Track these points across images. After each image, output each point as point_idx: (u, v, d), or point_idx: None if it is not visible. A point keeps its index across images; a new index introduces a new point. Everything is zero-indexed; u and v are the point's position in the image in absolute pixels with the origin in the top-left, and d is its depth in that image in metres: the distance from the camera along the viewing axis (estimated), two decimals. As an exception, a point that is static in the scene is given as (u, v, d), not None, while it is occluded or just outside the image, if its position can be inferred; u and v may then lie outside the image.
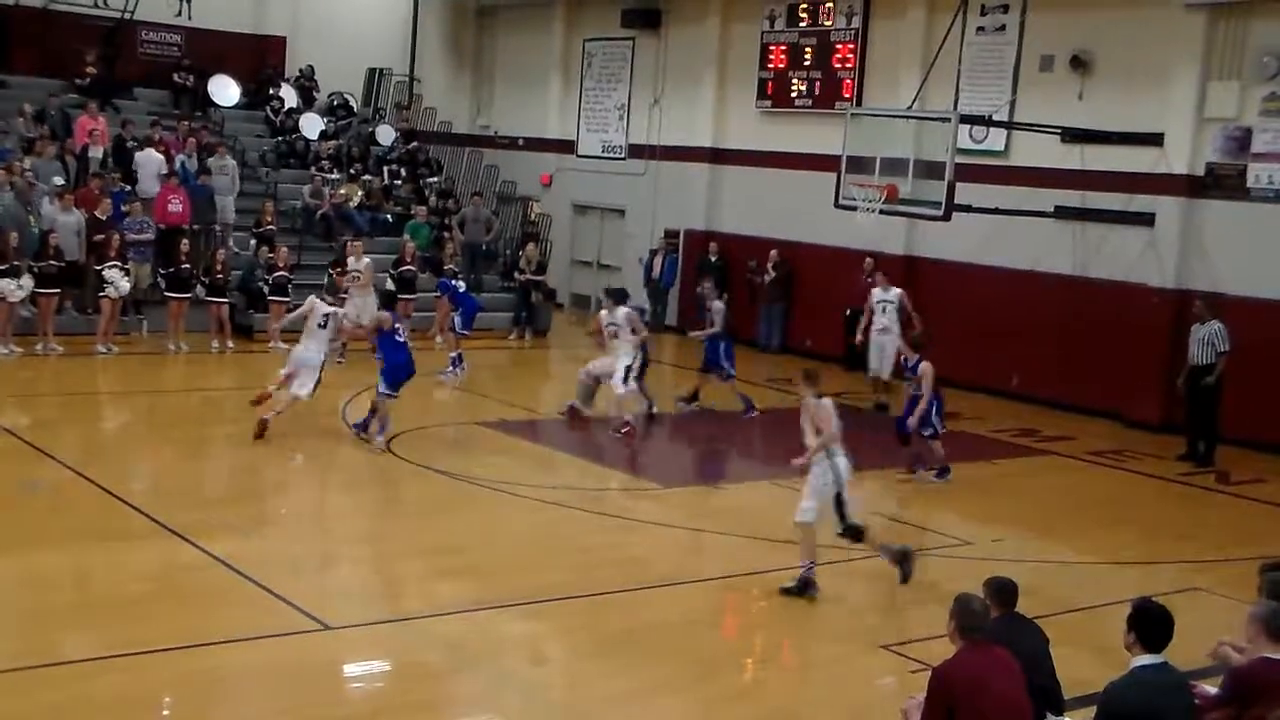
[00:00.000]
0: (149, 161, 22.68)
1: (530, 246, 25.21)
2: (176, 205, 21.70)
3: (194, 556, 10.69)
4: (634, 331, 16.78)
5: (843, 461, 10.81)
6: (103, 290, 19.37)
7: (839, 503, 10.86)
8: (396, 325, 15.16)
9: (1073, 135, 19.30)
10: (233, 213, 23.32)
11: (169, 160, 22.89)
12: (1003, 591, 7.21)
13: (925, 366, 14.63)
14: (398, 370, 14.91)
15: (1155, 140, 18.95)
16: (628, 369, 16.60)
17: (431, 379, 19.98)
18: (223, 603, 9.84)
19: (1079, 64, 19.87)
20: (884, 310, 18.91)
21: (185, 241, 20.86)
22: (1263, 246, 18.05)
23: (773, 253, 23.78)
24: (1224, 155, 18.50)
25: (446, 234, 24.84)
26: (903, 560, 11.03)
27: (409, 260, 22.32)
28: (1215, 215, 18.64)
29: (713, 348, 17.90)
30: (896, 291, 19.01)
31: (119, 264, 19.54)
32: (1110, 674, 6.67)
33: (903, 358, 15.74)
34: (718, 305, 18.24)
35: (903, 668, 9.30)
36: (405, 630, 9.55)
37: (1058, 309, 19.98)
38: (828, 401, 10.92)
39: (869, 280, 19.97)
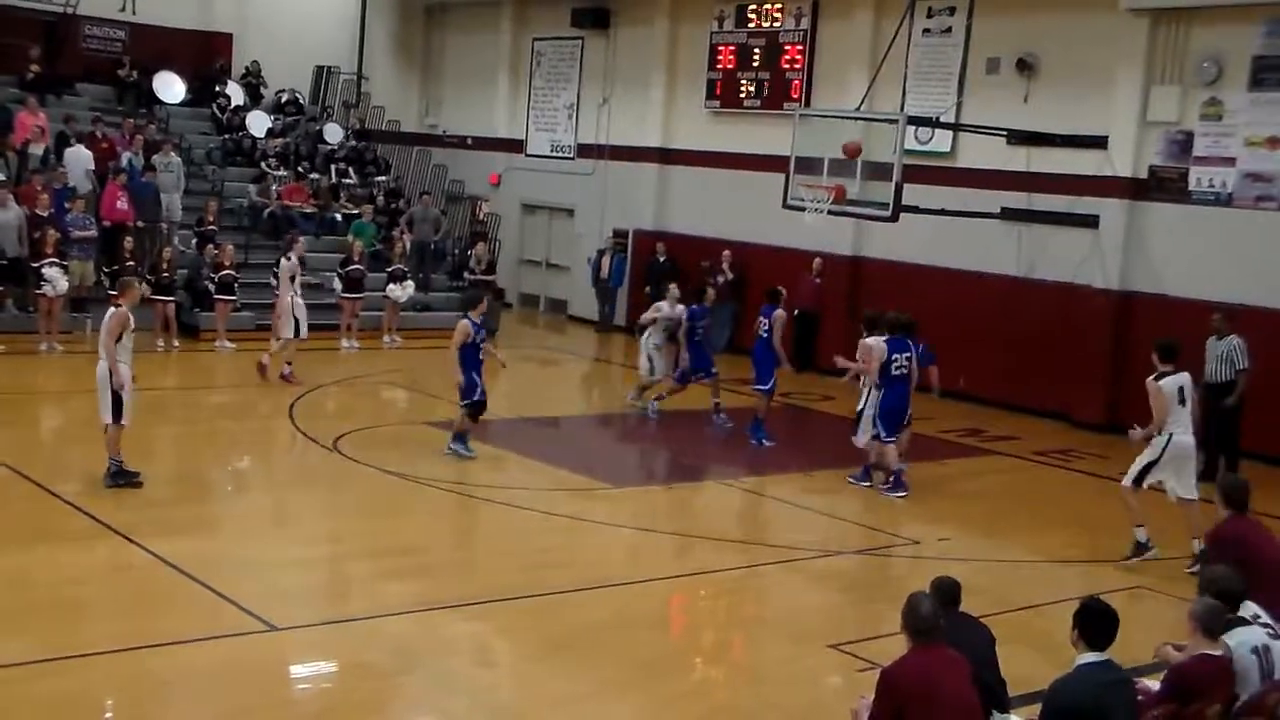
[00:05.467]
0: (79, 158, 22.38)
1: (480, 246, 25.14)
2: (123, 203, 21.48)
3: (138, 557, 10.58)
4: None
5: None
6: (40, 288, 19.14)
7: None
8: (478, 338, 14.57)
9: (1018, 137, 19.44)
10: (179, 210, 23.10)
11: (110, 157, 22.64)
12: (942, 591, 7.25)
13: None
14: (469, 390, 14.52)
15: (1099, 143, 19.15)
16: None
17: (380, 378, 19.93)
18: (167, 604, 9.74)
19: (1025, 67, 20.04)
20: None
21: (129, 239, 20.64)
22: (1203, 248, 18.28)
23: (725, 253, 23.77)
24: (1166, 158, 18.73)
25: (396, 233, 24.74)
26: None
27: (356, 259, 22.18)
28: (1157, 217, 18.86)
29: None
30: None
31: (57, 261, 19.30)
32: (1055, 672, 6.72)
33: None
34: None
35: (851, 667, 9.33)
36: (352, 631, 9.48)
37: (1004, 310, 20.14)
38: None
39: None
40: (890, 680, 6.36)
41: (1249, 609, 7.64)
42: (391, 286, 22.65)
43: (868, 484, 14.68)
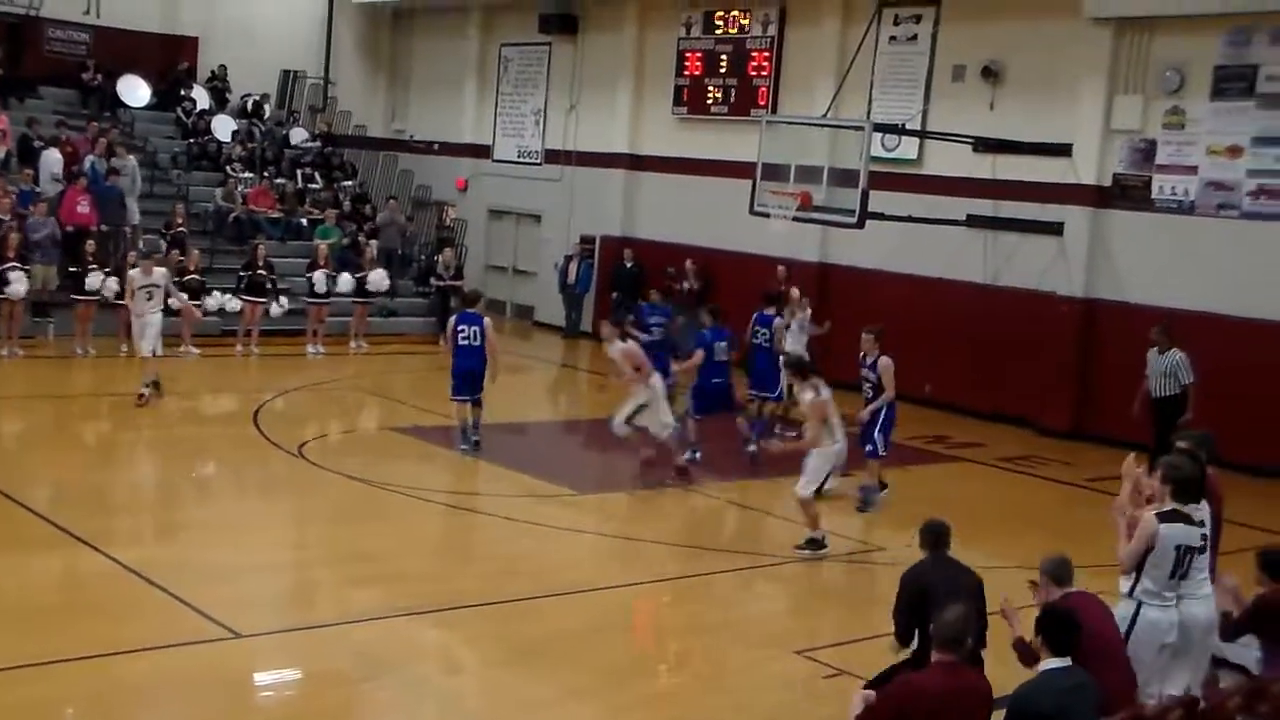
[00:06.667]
0: (49, 162, 22.22)
1: (447, 251, 25.08)
2: (84, 206, 21.33)
3: (101, 565, 10.50)
4: None
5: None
6: (1, 292, 18.97)
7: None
8: (460, 327, 15.28)
9: (984, 145, 19.58)
10: (138, 214, 22.89)
11: (74, 160, 22.48)
12: (932, 533, 7.61)
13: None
14: (455, 374, 15.36)
15: (1064, 151, 19.28)
16: None
17: (346, 384, 19.87)
18: (131, 612, 9.66)
19: (990, 74, 20.16)
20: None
21: (91, 243, 20.49)
22: (1166, 256, 18.44)
23: (688, 262, 23.78)
24: (1130, 166, 18.89)
25: (361, 238, 24.63)
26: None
27: (322, 264, 22.09)
28: (1121, 225, 19.02)
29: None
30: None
31: (17, 264, 19.14)
32: (1021, 677, 6.77)
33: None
34: None
35: (816, 673, 9.36)
36: (317, 638, 9.45)
37: (969, 317, 20.22)
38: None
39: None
40: (910, 690, 6.30)
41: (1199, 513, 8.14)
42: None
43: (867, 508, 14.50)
